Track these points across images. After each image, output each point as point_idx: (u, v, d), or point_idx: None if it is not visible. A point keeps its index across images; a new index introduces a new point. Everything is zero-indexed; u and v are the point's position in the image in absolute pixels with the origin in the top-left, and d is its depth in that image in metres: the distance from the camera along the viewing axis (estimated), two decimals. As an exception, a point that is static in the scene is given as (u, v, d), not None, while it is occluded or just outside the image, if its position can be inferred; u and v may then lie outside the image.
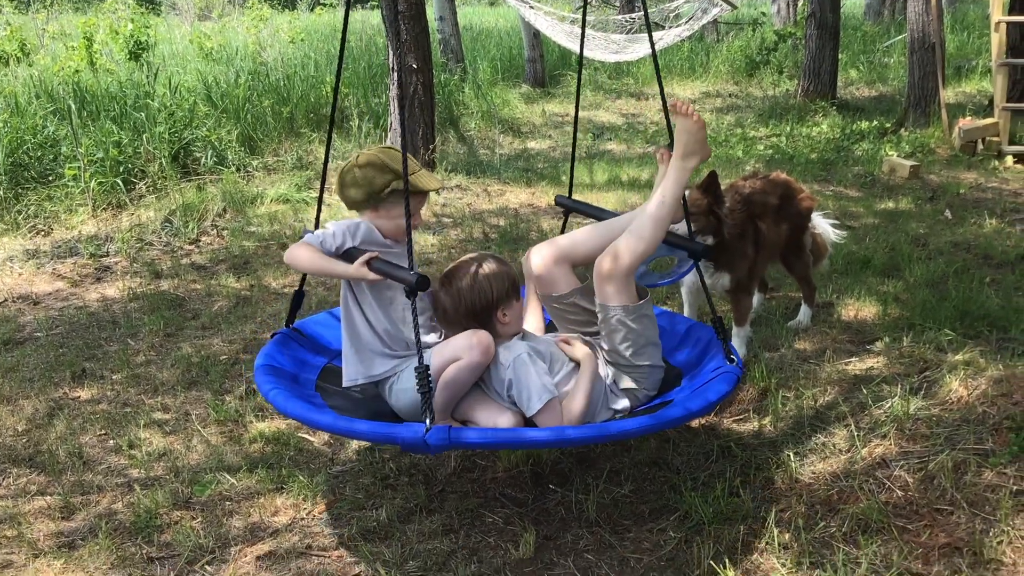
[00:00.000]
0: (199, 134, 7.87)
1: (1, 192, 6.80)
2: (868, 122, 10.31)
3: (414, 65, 7.76)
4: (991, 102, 9.33)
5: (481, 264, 3.17)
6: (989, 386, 3.39)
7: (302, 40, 14.12)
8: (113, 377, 4.35)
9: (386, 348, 3.15)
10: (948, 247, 5.78)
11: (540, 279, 3.39)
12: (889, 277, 5.20)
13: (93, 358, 4.58)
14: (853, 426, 3.38)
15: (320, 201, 3.46)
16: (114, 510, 3.23)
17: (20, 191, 6.93)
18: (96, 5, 16.49)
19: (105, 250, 6.22)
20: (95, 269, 5.92)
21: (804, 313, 4.57)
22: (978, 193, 7.34)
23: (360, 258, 3.00)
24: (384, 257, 3.04)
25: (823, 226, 4.75)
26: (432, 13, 12.30)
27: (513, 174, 8.39)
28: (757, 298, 4.59)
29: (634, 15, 13.34)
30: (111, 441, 3.74)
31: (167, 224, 6.61)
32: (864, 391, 3.62)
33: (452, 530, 3.06)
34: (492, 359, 3.04)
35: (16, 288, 5.60)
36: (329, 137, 3.44)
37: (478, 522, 3.10)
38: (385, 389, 3.19)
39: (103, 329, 4.96)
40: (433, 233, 6.48)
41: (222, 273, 5.82)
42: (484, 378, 3.11)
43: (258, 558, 2.93)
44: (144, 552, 2.98)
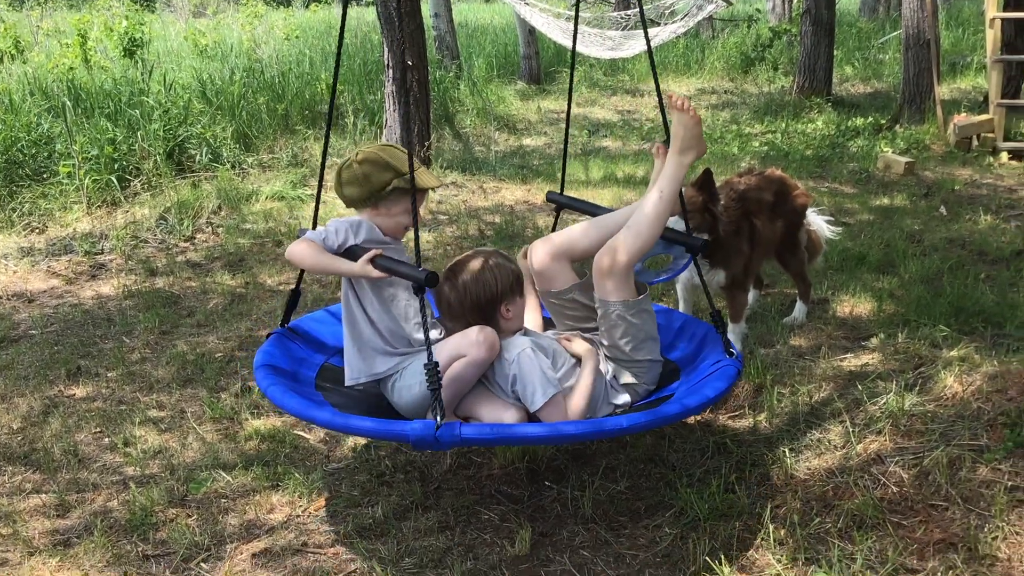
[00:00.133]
0: (194, 131, 7.86)
1: (-5, 190, 6.79)
2: (863, 118, 10.32)
3: (409, 62, 7.75)
4: (986, 98, 9.35)
5: (485, 259, 3.17)
6: (984, 382, 3.40)
7: (297, 37, 14.09)
8: (108, 375, 4.35)
9: (388, 346, 3.14)
10: (943, 243, 5.79)
11: (540, 275, 3.40)
12: (884, 273, 5.21)
13: (88, 356, 4.57)
14: (848, 422, 3.39)
15: (318, 199, 3.45)
16: (109, 508, 3.22)
17: (14, 188, 6.91)
18: (90, 2, 16.45)
19: (100, 248, 6.21)
20: (90, 267, 5.91)
21: (799, 309, 4.58)
22: (973, 189, 7.35)
23: (364, 256, 2.98)
24: (385, 253, 3.04)
25: (818, 223, 4.76)
26: (427, 10, 12.29)
27: (509, 171, 8.39)
28: (753, 294, 4.59)
29: (630, 12, 13.34)
30: (106, 439, 3.74)
31: (162, 221, 6.60)
32: (859, 387, 3.62)
33: (448, 527, 3.06)
34: (498, 353, 3.04)
35: (11, 286, 5.59)
36: (327, 135, 3.43)
37: (474, 519, 3.11)
38: (387, 387, 3.17)
39: (98, 327, 4.95)
40: (429, 230, 6.47)
41: (217, 270, 5.82)
42: (487, 374, 3.10)
43: (254, 555, 2.93)
44: (140, 550, 2.98)
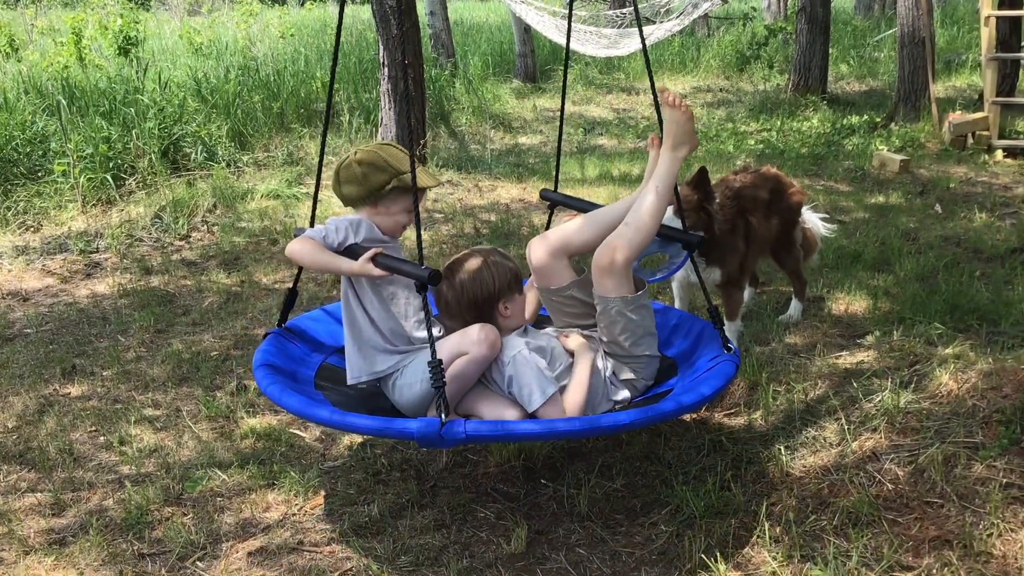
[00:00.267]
0: (189, 130, 7.85)
1: (-10, 188, 6.78)
2: (858, 117, 10.33)
3: (405, 60, 7.74)
4: (981, 96, 9.36)
5: (483, 257, 3.17)
6: (979, 379, 3.40)
7: (292, 35, 14.09)
8: (103, 373, 4.34)
9: (388, 344, 3.13)
10: (938, 241, 5.80)
11: (538, 272, 3.40)
12: (879, 271, 5.22)
13: (83, 354, 4.57)
14: (844, 420, 3.39)
15: (315, 198, 3.46)
16: (105, 507, 3.22)
17: (9, 187, 6.90)
18: (85, 0, 16.40)
19: (95, 246, 6.19)
20: (85, 265, 5.90)
21: (795, 307, 4.58)
22: (968, 187, 7.36)
23: (365, 254, 2.97)
24: (384, 253, 3.04)
25: (813, 221, 4.76)
26: (423, 8, 12.28)
27: (504, 169, 8.39)
28: (748, 292, 4.60)
29: (625, 10, 13.34)
30: (102, 438, 3.73)
31: (157, 220, 6.59)
32: (854, 385, 3.63)
33: (444, 525, 3.06)
34: (499, 351, 3.04)
35: (5, 285, 5.58)
36: (324, 134, 3.43)
37: (470, 517, 3.11)
38: (388, 385, 3.16)
39: (93, 325, 4.94)
40: (425, 229, 6.47)
41: (212, 269, 5.81)
42: (486, 373, 3.11)
43: (249, 554, 2.93)
44: (135, 548, 2.97)
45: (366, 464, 3.45)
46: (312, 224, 3.31)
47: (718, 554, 2.76)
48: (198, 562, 2.90)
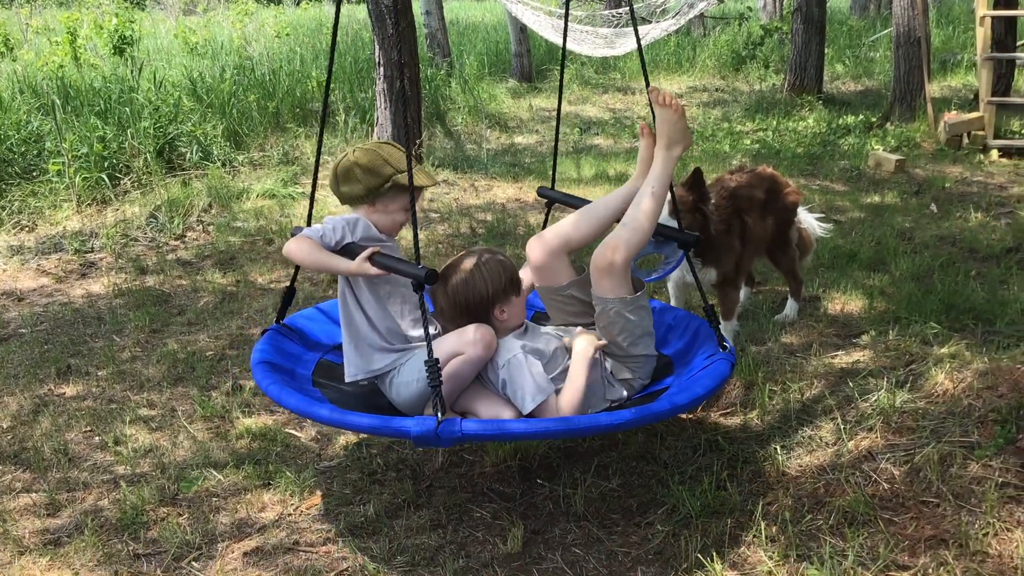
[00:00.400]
0: (184, 129, 7.84)
1: (-16, 188, 6.76)
2: (854, 116, 10.33)
3: (401, 60, 7.73)
4: (976, 96, 9.37)
5: (477, 260, 3.14)
6: (974, 379, 3.41)
7: (287, 35, 14.08)
8: (98, 373, 4.33)
9: (385, 343, 3.15)
10: (934, 241, 5.81)
11: (537, 272, 3.40)
12: (875, 271, 5.22)
13: (78, 354, 4.55)
14: (839, 419, 3.39)
15: (312, 198, 3.47)
16: (100, 507, 3.21)
17: (4, 187, 6.88)
18: (80, 0, 16.38)
19: (90, 246, 6.18)
20: (80, 265, 5.89)
21: (790, 307, 4.58)
22: (963, 187, 7.37)
23: (362, 254, 2.98)
24: (382, 252, 3.04)
25: (809, 220, 4.76)
26: (418, 8, 12.27)
27: (500, 169, 8.38)
28: (744, 292, 4.60)
29: (621, 10, 13.35)
30: (97, 438, 3.72)
31: (152, 220, 6.57)
32: (850, 384, 3.63)
33: (440, 525, 3.05)
34: (495, 352, 3.05)
35: (0, 284, 5.56)
36: (321, 133, 3.43)
37: (466, 517, 3.10)
38: (385, 383, 3.18)
39: (88, 325, 4.93)
40: (421, 228, 6.45)
41: (208, 269, 5.80)
42: (483, 372, 3.12)
43: (245, 554, 2.92)
44: (130, 549, 2.97)
45: (362, 464, 3.45)
46: (309, 224, 3.31)
47: (714, 554, 2.76)
48: (193, 562, 2.89)
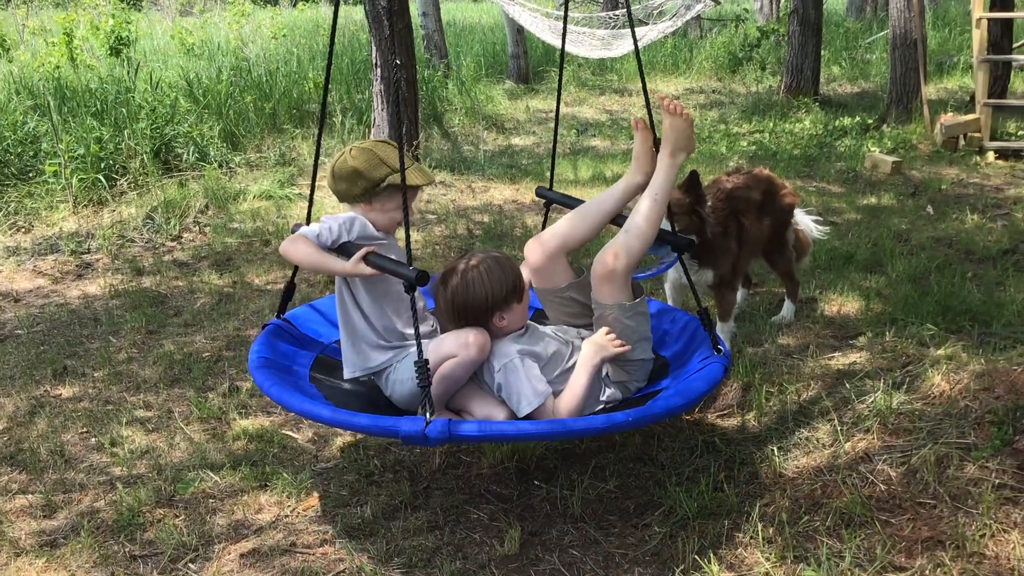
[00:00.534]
0: (181, 130, 7.82)
1: (-19, 189, 6.75)
2: (850, 118, 10.35)
3: (398, 61, 7.72)
4: (972, 98, 9.39)
5: (480, 264, 3.10)
6: (971, 380, 3.41)
7: (284, 36, 14.06)
8: (95, 375, 4.32)
9: (381, 340, 3.18)
10: (930, 242, 5.81)
11: (537, 273, 3.39)
12: (872, 272, 5.23)
13: (74, 356, 4.55)
14: (836, 421, 3.40)
15: (311, 198, 3.49)
16: (96, 508, 3.21)
17: (0, 188, 6.86)
18: (76, 0, 16.36)
19: (86, 247, 6.17)
20: (76, 266, 5.88)
21: (787, 308, 4.59)
22: (960, 189, 7.38)
23: (356, 254, 2.99)
24: (378, 250, 3.06)
25: (805, 222, 4.77)
26: (415, 9, 12.27)
27: (497, 170, 8.38)
28: (741, 293, 4.60)
29: (618, 12, 13.35)
30: (93, 439, 3.71)
31: (149, 221, 6.56)
32: (847, 386, 3.63)
33: (437, 527, 3.05)
34: (488, 355, 3.06)
35: (-4, 285, 5.56)
36: (319, 135, 3.44)
37: (463, 518, 3.10)
38: (382, 380, 3.22)
39: (84, 326, 4.92)
40: (418, 230, 6.46)
41: (204, 270, 5.79)
42: (479, 372, 3.13)
43: (242, 556, 2.92)
44: (127, 550, 2.96)
45: (359, 465, 3.45)
46: (308, 223, 3.31)
47: (711, 555, 2.76)
48: (190, 564, 2.89)
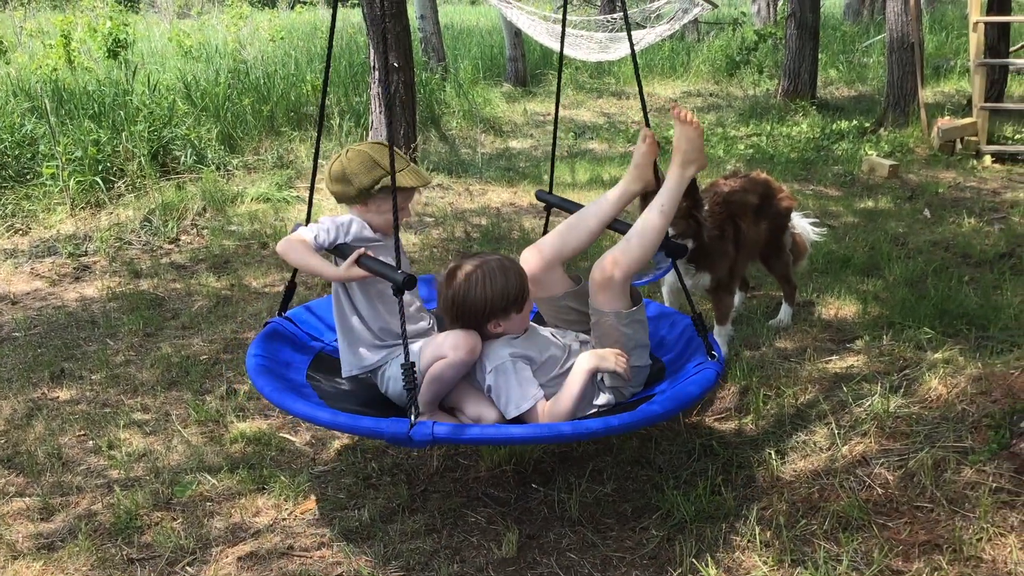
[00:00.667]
0: (179, 132, 7.81)
1: (-22, 191, 6.74)
2: (848, 122, 10.36)
3: (395, 64, 7.74)
4: (969, 102, 9.41)
5: (484, 270, 3.08)
6: (968, 384, 3.42)
7: (282, 38, 14.04)
8: (92, 377, 4.32)
9: (376, 339, 3.23)
10: (927, 246, 5.82)
11: (534, 282, 3.35)
12: (869, 276, 5.24)
13: (72, 358, 4.54)
14: (834, 424, 3.40)
15: (311, 200, 3.51)
16: (94, 511, 3.20)
17: (-3, 190, 6.87)
18: (74, 3, 16.36)
19: (84, 249, 6.17)
20: (74, 268, 5.88)
21: (785, 312, 4.59)
22: (957, 192, 7.39)
23: (349, 258, 3.03)
24: (374, 250, 3.09)
25: (802, 226, 4.77)
26: (413, 11, 12.27)
27: (495, 173, 8.39)
28: (738, 297, 4.61)
29: (615, 15, 13.36)
30: (90, 442, 3.71)
31: (146, 223, 6.56)
32: (844, 389, 3.64)
33: (435, 530, 3.05)
34: (478, 357, 3.08)
35: (-7, 288, 5.55)
36: (318, 137, 3.45)
37: (461, 521, 3.10)
38: (378, 377, 3.27)
39: (82, 329, 4.92)
40: (415, 232, 6.47)
41: (202, 272, 5.79)
42: (473, 371, 3.15)
43: (239, 559, 2.92)
44: (124, 553, 2.96)
45: (356, 468, 3.45)
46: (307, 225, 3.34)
47: (709, 558, 2.76)
48: (188, 567, 2.89)
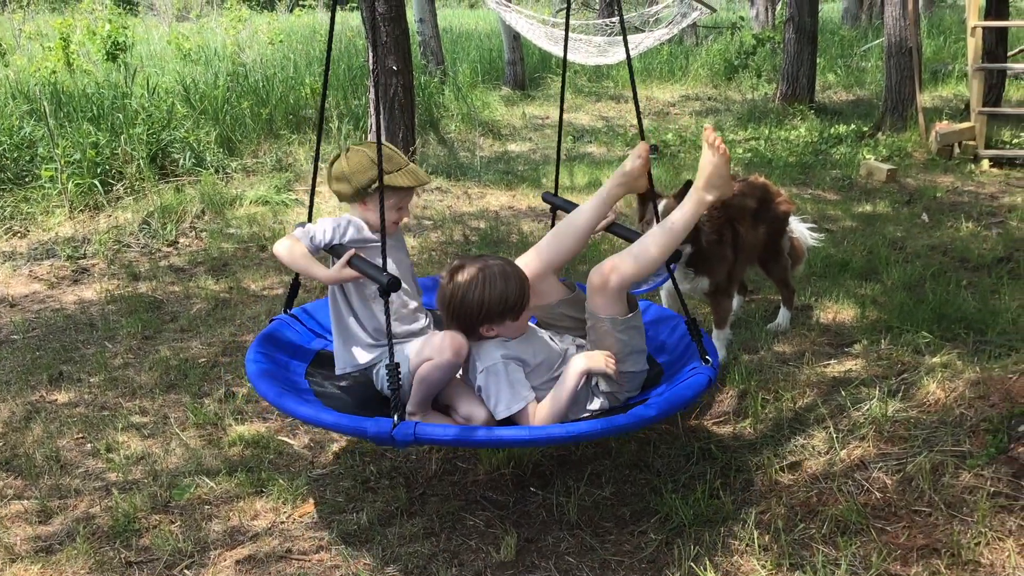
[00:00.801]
0: (177, 135, 7.82)
1: (-24, 193, 6.74)
2: (846, 126, 10.38)
3: (394, 67, 7.75)
4: (967, 106, 9.43)
5: (484, 275, 3.06)
6: (966, 388, 3.42)
7: (281, 41, 14.05)
8: (90, 380, 4.32)
9: (371, 339, 3.26)
10: (925, 250, 5.83)
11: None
12: (867, 280, 5.24)
13: (70, 361, 4.54)
14: (832, 428, 3.40)
15: (312, 203, 3.54)
16: (92, 514, 3.20)
17: (-4, 192, 6.87)
18: (73, 5, 16.36)
19: (82, 252, 6.16)
20: (72, 271, 5.87)
21: (783, 316, 4.60)
22: (955, 197, 7.40)
23: (340, 259, 3.10)
24: (371, 251, 3.12)
25: (800, 230, 4.78)
26: (412, 15, 12.29)
27: (493, 176, 8.39)
28: (737, 300, 4.61)
29: (614, 19, 13.38)
30: (88, 445, 3.71)
31: (145, 226, 6.56)
32: (843, 393, 3.64)
33: (433, 533, 3.05)
34: (467, 357, 3.10)
35: (-8, 290, 5.55)
36: (318, 140, 3.48)
37: (459, 525, 3.10)
38: (373, 374, 3.30)
39: (80, 332, 4.92)
40: (414, 235, 6.47)
41: (200, 275, 5.79)
42: (465, 368, 3.17)
43: (237, 562, 2.92)
44: (122, 556, 2.96)
45: (355, 472, 3.45)
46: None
47: (707, 562, 2.76)
48: (186, 570, 2.89)
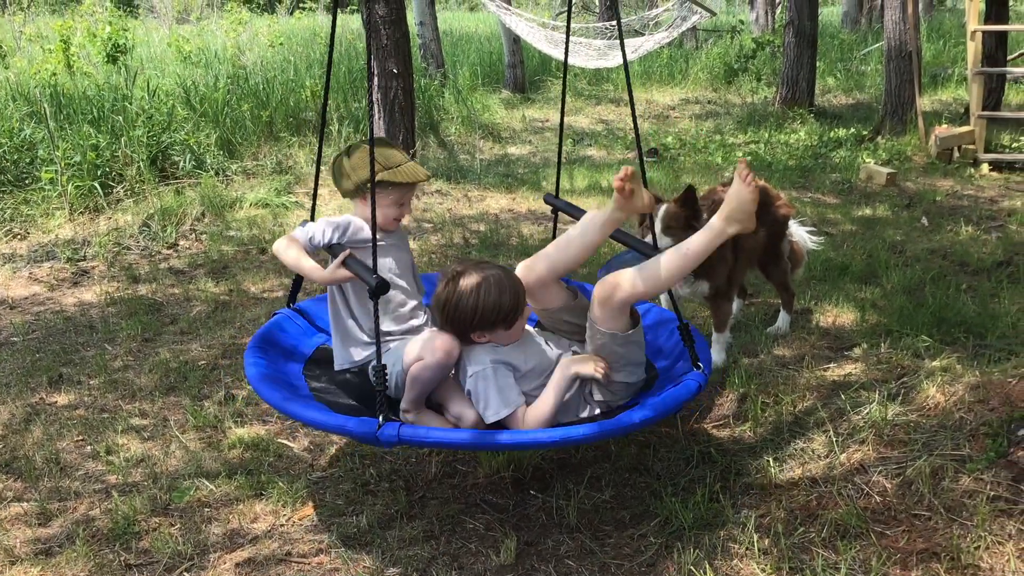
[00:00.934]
0: (177, 138, 7.83)
1: (-24, 195, 6.74)
2: (845, 129, 10.39)
3: (394, 70, 7.76)
4: (967, 110, 9.44)
5: (482, 282, 3.04)
6: (966, 392, 3.42)
7: (281, 44, 14.07)
8: (90, 382, 4.32)
9: (367, 337, 3.30)
10: (925, 254, 5.83)
11: (531, 295, 3.33)
12: (867, 284, 5.24)
13: (70, 363, 4.54)
14: (832, 432, 3.40)
15: (314, 205, 3.57)
16: (92, 516, 3.20)
17: (-4, 194, 6.87)
18: (73, 7, 16.36)
19: (82, 254, 6.17)
20: (72, 273, 5.88)
21: (783, 319, 4.60)
22: (954, 200, 7.41)
23: (336, 260, 3.15)
24: (353, 256, 3.17)
25: (800, 233, 4.78)
26: (412, 18, 12.30)
27: (493, 179, 8.39)
28: (737, 304, 4.61)
29: (613, 22, 13.39)
30: (88, 447, 3.71)
31: (145, 228, 6.56)
32: (842, 397, 3.64)
33: (433, 536, 3.05)
34: (457, 358, 3.11)
35: (-9, 292, 5.55)
36: (320, 142, 3.51)
37: (459, 528, 3.10)
38: (369, 371, 3.23)
39: (80, 334, 4.92)
40: (414, 238, 6.47)
41: (200, 278, 5.79)
42: (457, 369, 3.17)
43: (237, 565, 2.92)
44: (122, 559, 2.96)
45: (354, 475, 3.44)
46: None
47: (707, 566, 2.76)
48: (185, 573, 2.89)
